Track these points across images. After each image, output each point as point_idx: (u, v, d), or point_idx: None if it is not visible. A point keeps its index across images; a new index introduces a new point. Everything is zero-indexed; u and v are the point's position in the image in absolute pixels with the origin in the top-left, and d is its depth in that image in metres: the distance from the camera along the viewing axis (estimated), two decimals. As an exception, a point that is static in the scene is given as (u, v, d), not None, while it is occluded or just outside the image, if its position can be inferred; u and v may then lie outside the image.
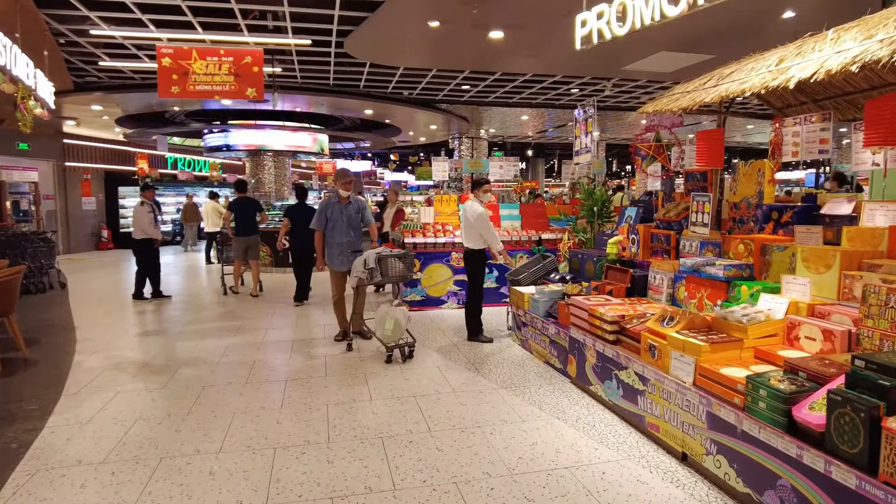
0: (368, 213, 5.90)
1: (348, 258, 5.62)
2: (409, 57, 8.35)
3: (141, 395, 4.28)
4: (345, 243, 5.65)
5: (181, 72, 7.16)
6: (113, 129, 14.88)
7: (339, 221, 5.63)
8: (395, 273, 5.28)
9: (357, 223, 5.76)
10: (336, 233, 5.64)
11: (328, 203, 5.72)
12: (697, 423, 3.00)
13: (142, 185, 8.31)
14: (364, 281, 5.22)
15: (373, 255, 5.17)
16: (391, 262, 5.23)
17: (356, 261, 5.31)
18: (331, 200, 5.73)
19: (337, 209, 5.66)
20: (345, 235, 5.65)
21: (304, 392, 4.30)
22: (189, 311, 7.42)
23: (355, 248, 5.71)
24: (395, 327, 5.03)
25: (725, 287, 3.82)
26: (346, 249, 5.65)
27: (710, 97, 3.66)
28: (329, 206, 5.68)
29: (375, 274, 5.16)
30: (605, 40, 3.88)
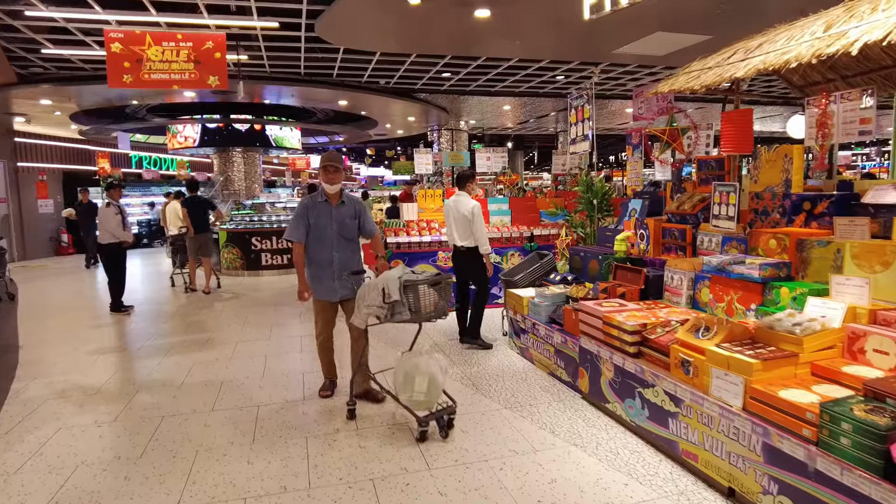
0: (369, 217, 4.14)
1: (343, 283, 3.97)
2: (387, 41, 7.75)
3: (87, 431, 3.66)
4: (336, 261, 3.94)
5: (134, 59, 6.45)
6: (69, 126, 13.89)
7: (326, 230, 3.91)
8: (429, 307, 3.49)
9: (353, 232, 4.04)
10: (322, 246, 3.92)
11: (310, 203, 3.96)
12: (750, 455, 2.53)
13: (107, 185, 7.54)
14: (382, 319, 3.50)
15: (395, 281, 3.42)
16: (422, 290, 3.45)
17: (364, 289, 3.62)
18: (314, 199, 3.97)
19: (323, 212, 3.93)
20: (335, 249, 3.93)
21: (279, 421, 3.73)
22: (152, 323, 6.74)
23: (353, 267, 4.03)
24: (431, 388, 3.34)
25: (760, 289, 3.36)
26: (338, 270, 3.96)
27: (742, 71, 3.18)
28: (311, 208, 3.93)
29: (400, 308, 3.43)
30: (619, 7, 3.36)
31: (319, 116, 14.50)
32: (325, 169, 3.89)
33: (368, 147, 25.37)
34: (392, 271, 3.55)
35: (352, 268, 4.01)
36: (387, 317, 3.45)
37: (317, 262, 3.95)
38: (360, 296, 3.60)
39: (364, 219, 4.07)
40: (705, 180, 4.65)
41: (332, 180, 3.90)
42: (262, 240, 10.40)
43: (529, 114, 15.35)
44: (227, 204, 11.89)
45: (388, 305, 3.42)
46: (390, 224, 7.14)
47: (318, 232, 3.92)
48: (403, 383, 3.38)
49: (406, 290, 3.42)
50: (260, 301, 7.90)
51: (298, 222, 3.91)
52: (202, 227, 8.63)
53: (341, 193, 3.99)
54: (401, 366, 3.45)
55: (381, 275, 3.56)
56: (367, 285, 3.60)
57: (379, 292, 3.43)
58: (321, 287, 3.98)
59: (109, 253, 7.21)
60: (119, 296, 7.33)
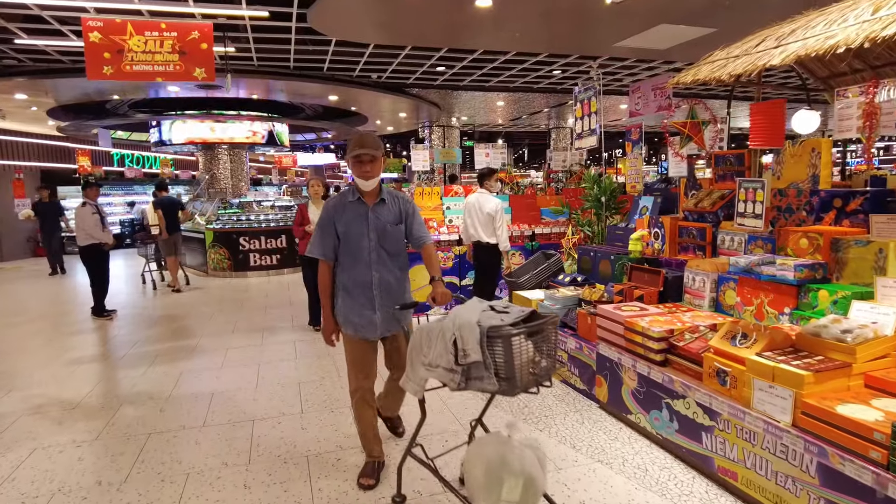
0: (420, 220, 2.99)
1: (385, 315, 2.84)
2: (382, 32, 7.45)
3: (66, 451, 3.34)
4: (377, 284, 2.81)
5: (114, 49, 6.08)
6: (46, 123, 13.37)
7: (361, 240, 2.80)
8: (527, 369, 2.19)
9: (398, 242, 2.89)
10: (356, 263, 2.81)
11: (337, 204, 2.86)
12: (802, 477, 2.31)
13: (83, 184, 7.16)
14: (452, 386, 2.24)
15: (472, 330, 2.17)
16: (518, 344, 2.14)
17: (421, 335, 2.42)
18: (342, 199, 2.88)
19: (355, 216, 2.82)
20: (374, 267, 2.81)
21: (277, 437, 3.44)
22: (136, 329, 6.39)
23: (400, 295, 2.89)
24: (527, 494, 2.09)
25: (794, 292, 3.15)
26: (381, 296, 2.83)
27: (778, 58, 2.96)
28: (339, 211, 2.83)
29: (481, 373, 2.17)
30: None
31: (308, 113, 14.14)
32: (357, 159, 2.72)
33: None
34: (463, 309, 2.30)
35: (398, 295, 2.86)
36: (460, 383, 2.19)
37: (349, 285, 2.81)
38: (415, 345, 2.42)
39: (413, 222, 2.91)
40: (723, 176, 4.45)
41: (367, 173, 2.74)
42: (250, 240, 10.06)
43: (522, 110, 15.12)
44: (214, 203, 11.50)
45: (463, 368, 2.17)
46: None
47: (350, 244, 2.79)
48: (485, 483, 2.07)
49: (492, 344, 2.13)
50: (249, 304, 7.58)
51: (324, 232, 2.81)
52: (174, 227, 8.91)
53: (380, 189, 2.85)
54: (477, 454, 2.18)
55: (449, 315, 2.31)
56: (426, 330, 2.37)
57: (447, 346, 2.22)
58: (357, 320, 2.81)
59: (89, 255, 6.84)
60: (101, 299, 6.96)
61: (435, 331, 2.33)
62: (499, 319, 2.22)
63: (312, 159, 24.27)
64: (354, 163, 2.75)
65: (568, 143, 15.63)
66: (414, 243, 2.96)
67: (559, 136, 16.22)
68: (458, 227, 6.70)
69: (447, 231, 6.67)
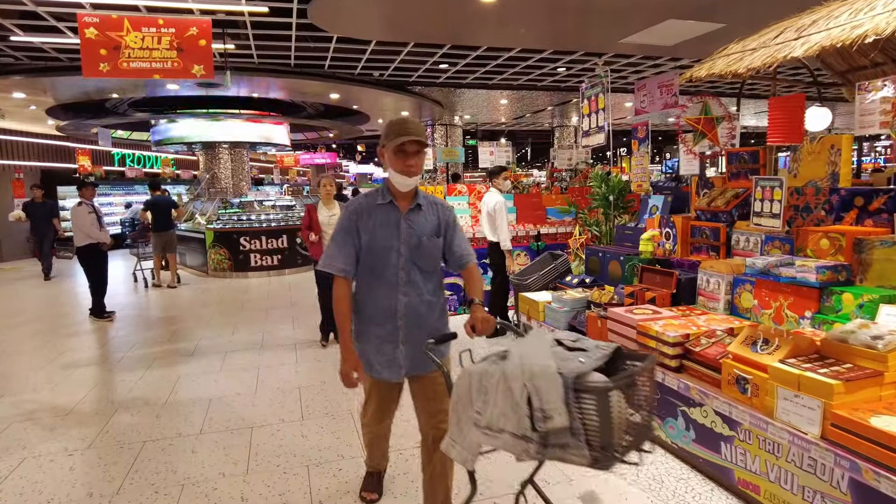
0: (461, 233, 2.39)
1: (412, 351, 2.26)
2: (386, 28, 7.32)
3: (56, 460, 3.22)
4: (403, 311, 2.24)
5: (111, 46, 5.96)
6: (45, 122, 13.27)
7: (388, 254, 2.22)
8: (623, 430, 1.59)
9: (434, 259, 2.31)
10: (379, 283, 2.24)
11: (362, 207, 2.26)
12: (832, 493, 2.18)
13: (79, 183, 7.04)
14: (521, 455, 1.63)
15: (552, 381, 1.57)
16: (614, 403, 1.54)
17: (469, 381, 1.75)
18: (369, 201, 2.27)
19: (384, 222, 2.23)
20: (402, 290, 2.23)
21: (276, 446, 3.31)
22: (135, 331, 6.27)
23: (434, 325, 2.31)
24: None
25: (816, 295, 3.01)
26: (406, 328, 2.26)
27: (800, 50, 2.82)
28: (363, 216, 2.24)
29: (565, 439, 1.55)
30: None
31: (309, 111, 14.02)
32: (400, 150, 2.10)
33: (359, 143, 24.87)
34: (528, 347, 1.70)
35: (430, 326, 2.27)
36: (536, 454, 1.58)
37: (368, 310, 2.25)
38: (462, 397, 1.75)
39: (454, 235, 2.30)
40: (736, 174, 4.31)
41: (410, 168, 2.13)
42: (250, 240, 9.94)
43: (525, 108, 14.98)
44: (214, 202, 11.38)
45: (539, 437, 1.57)
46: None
47: (373, 258, 2.19)
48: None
49: (580, 400, 1.55)
50: (250, 305, 7.45)
51: (343, 242, 2.20)
52: (167, 225, 8.86)
53: (416, 193, 2.26)
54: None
55: (512, 356, 1.68)
56: (477, 376, 1.72)
57: (516, 403, 1.60)
58: (375, 359, 2.27)
59: (87, 255, 6.73)
60: (100, 300, 6.84)
61: (491, 378, 1.66)
62: (578, 362, 1.63)
63: (313, 158, 24.16)
64: (396, 154, 2.11)
65: (572, 142, 15.49)
66: (453, 262, 2.32)
67: (563, 135, 16.08)
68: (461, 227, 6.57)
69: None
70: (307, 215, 5.13)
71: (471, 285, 2.31)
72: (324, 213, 5.12)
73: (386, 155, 2.17)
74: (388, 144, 2.13)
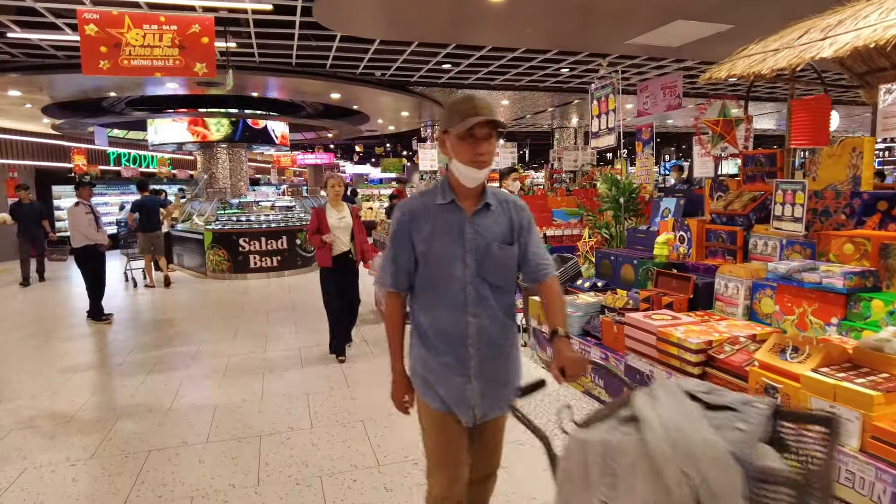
0: (538, 239, 1.90)
1: (487, 388, 1.81)
2: (390, 27, 7.22)
3: (58, 471, 3.11)
4: (474, 336, 1.78)
5: (111, 43, 5.84)
6: (41, 120, 13.08)
7: (453, 264, 1.77)
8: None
9: (508, 270, 1.84)
10: (443, 300, 1.79)
11: (417, 209, 1.82)
12: (872, 508, 2.10)
13: (76, 183, 6.90)
14: None
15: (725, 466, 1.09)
16: None
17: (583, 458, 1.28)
18: (426, 201, 1.82)
19: (445, 226, 1.78)
20: (470, 310, 1.77)
21: (286, 455, 3.21)
22: (134, 334, 6.14)
23: (505, 356, 1.87)
24: None
25: (843, 301, 2.94)
26: (479, 359, 1.79)
27: (829, 50, 2.75)
28: (419, 220, 1.80)
29: None
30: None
31: (309, 111, 13.89)
32: (469, 135, 1.67)
33: (357, 143, 24.74)
34: (668, 408, 1.25)
35: (505, 356, 1.85)
36: None
37: (431, 336, 1.81)
38: (573, 476, 1.32)
39: (529, 241, 1.85)
40: (752, 177, 4.24)
41: (481, 158, 1.70)
42: (250, 241, 9.81)
43: (526, 109, 14.89)
44: (213, 203, 11.24)
45: None
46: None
47: (434, 271, 1.79)
48: None
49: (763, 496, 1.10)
50: (250, 308, 7.34)
51: (396, 252, 1.82)
52: (154, 226, 8.86)
53: (484, 189, 1.81)
54: None
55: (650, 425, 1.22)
56: (599, 449, 1.27)
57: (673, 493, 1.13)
58: (442, 390, 1.80)
59: (84, 257, 6.59)
60: (98, 302, 6.71)
61: (623, 455, 1.21)
62: (736, 430, 1.18)
63: (311, 158, 23.99)
64: (462, 140, 1.67)
65: (572, 143, 15.43)
66: (528, 274, 1.88)
67: (563, 136, 16.00)
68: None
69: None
70: (315, 218, 4.75)
71: (551, 308, 1.84)
72: (333, 216, 4.78)
73: (448, 142, 1.73)
74: (451, 129, 1.69)
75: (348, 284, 4.97)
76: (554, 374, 1.66)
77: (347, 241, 4.84)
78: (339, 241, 4.80)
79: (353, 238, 4.88)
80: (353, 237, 4.89)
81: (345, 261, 4.85)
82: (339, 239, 4.79)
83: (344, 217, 4.84)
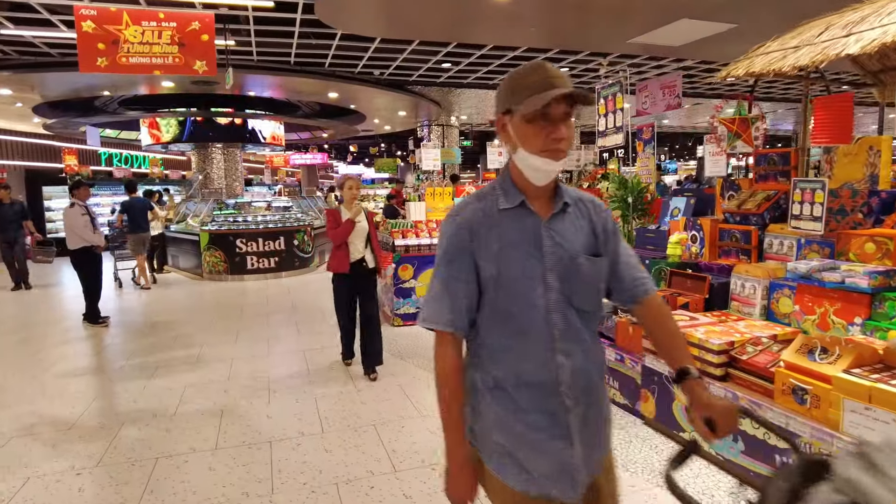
0: (626, 246, 1.47)
1: (589, 448, 1.35)
2: (394, 25, 7.15)
3: (63, 480, 3.00)
4: (566, 382, 1.30)
5: (109, 40, 5.73)
6: (31, 120, 12.89)
7: (532, 287, 1.29)
8: None
9: (596, 293, 1.39)
10: (524, 336, 1.30)
11: (477, 218, 1.33)
12: (911, 512, 2.05)
13: (73, 183, 6.74)
14: None
15: None
16: None
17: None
18: (487, 205, 1.34)
19: (517, 238, 1.31)
20: (560, 345, 1.30)
21: (299, 462, 3.13)
22: (132, 337, 6.02)
23: (605, 398, 1.43)
24: None
25: (867, 301, 2.90)
26: (575, 410, 1.31)
27: (856, 47, 2.72)
28: (480, 232, 1.32)
29: None
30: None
31: (305, 111, 13.79)
32: (542, 114, 1.22)
33: (351, 143, 24.61)
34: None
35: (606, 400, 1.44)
36: None
37: (511, 387, 1.33)
38: None
39: (620, 249, 1.45)
40: (764, 176, 4.22)
41: (559, 144, 1.25)
42: (247, 242, 9.69)
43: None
44: (209, 203, 11.10)
45: None
46: (396, 225, 6.55)
47: (508, 298, 1.32)
48: None
49: None
50: (250, 310, 7.23)
51: (453, 280, 1.34)
52: (143, 227, 8.93)
53: (557, 187, 1.37)
54: None
55: None
56: None
57: None
58: (532, 461, 1.32)
59: (80, 258, 6.45)
60: (94, 305, 6.57)
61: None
62: None
63: (305, 158, 23.85)
64: (535, 121, 1.23)
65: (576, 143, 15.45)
66: (622, 293, 1.44)
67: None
68: (471, 229, 6.44)
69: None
70: (332, 220, 4.40)
71: (667, 337, 1.41)
72: None
73: (512, 125, 1.28)
74: (517, 108, 1.24)
75: (364, 295, 4.51)
76: (700, 430, 1.27)
77: (363, 248, 4.43)
78: (354, 247, 4.39)
79: (368, 244, 4.49)
80: (369, 243, 4.49)
81: (359, 269, 4.41)
82: (354, 244, 4.39)
83: (360, 221, 4.41)
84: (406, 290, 6.12)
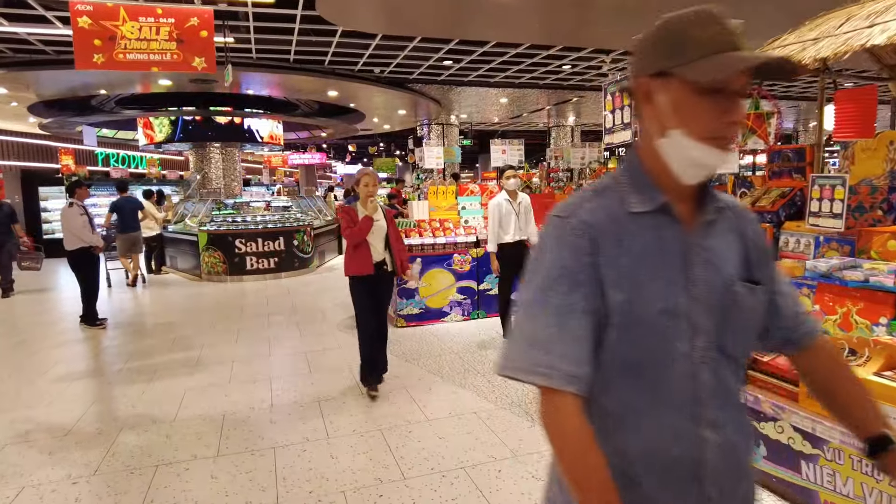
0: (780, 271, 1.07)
1: None
2: (395, 22, 7.04)
3: (60, 490, 2.89)
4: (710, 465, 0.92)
5: (106, 36, 5.61)
6: (27, 119, 12.74)
7: (674, 325, 0.91)
8: None
9: (752, 330, 1.00)
10: (657, 396, 0.92)
11: (599, 216, 0.93)
12: (951, 523, 1.96)
13: (71, 183, 6.62)
14: None
15: None
16: None
17: None
18: (608, 202, 0.95)
19: (658, 249, 0.92)
20: (708, 416, 0.93)
21: (305, 469, 3.03)
22: (130, 339, 5.91)
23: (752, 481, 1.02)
24: None
25: (893, 300, 2.80)
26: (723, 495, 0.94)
27: (882, 38, 2.62)
28: (606, 234, 0.91)
29: None
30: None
31: (304, 109, 13.67)
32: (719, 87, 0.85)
33: (350, 143, 24.49)
34: None
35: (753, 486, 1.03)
36: None
37: (635, 461, 0.93)
38: None
39: (775, 275, 1.05)
40: (778, 173, 4.12)
41: (733, 130, 0.89)
42: (246, 242, 9.57)
43: (523, 108, 14.79)
44: (207, 204, 10.98)
45: None
46: (398, 224, 6.43)
47: (639, 339, 0.91)
48: None
49: None
50: (250, 311, 7.11)
51: (566, 306, 0.90)
52: (134, 226, 8.97)
53: (706, 188, 0.98)
54: None
55: None
56: None
57: None
58: None
59: (78, 259, 6.34)
60: (92, 306, 6.45)
61: None
62: None
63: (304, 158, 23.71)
64: (707, 94, 0.87)
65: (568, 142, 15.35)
66: (781, 332, 1.07)
67: (559, 135, 15.93)
68: (474, 228, 6.36)
69: (464, 233, 6.30)
70: (346, 218, 3.97)
71: (853, 393, 1.06)
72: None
73: (667, 95, 0.91)
74: (682, 70, 0.87)
75: (382, 301, 4.18)
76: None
77: (382, 250, 4.04)
78: (374, 248, 4.00)
79: (387, 246, 4.10)
80: (388, 244, 4.11)
81: (378, 271, 4.03)
82: (373, 245, 4.00)
83: (378, 220, 4.01)
84: (409, 291, 6.02)
